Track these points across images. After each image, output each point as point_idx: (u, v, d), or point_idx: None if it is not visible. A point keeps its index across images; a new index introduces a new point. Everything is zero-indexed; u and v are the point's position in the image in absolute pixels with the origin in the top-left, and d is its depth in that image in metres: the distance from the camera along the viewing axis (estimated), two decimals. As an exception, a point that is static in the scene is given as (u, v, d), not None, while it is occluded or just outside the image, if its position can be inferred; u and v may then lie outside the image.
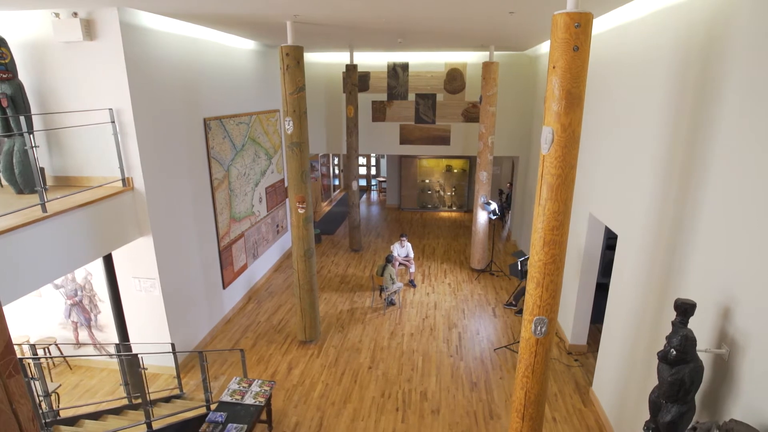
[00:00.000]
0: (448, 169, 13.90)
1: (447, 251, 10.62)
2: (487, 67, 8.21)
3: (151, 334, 5.82)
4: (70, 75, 4.94)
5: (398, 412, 5.32)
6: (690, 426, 2.81)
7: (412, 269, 8.67)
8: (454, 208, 14.21)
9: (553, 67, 3.34)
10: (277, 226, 9.65)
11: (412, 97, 10.43)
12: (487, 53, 9.87)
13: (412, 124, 10.62)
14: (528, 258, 6.13)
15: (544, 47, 8.68)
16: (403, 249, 8.72)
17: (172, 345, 5.44)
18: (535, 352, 3.95)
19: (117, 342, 5.39)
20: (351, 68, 9.32)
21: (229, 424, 4.23)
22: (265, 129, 8.68)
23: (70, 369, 6.15)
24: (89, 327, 6.01)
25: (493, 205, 8.61)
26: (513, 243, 11.03)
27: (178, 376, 5.56)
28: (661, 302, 4.02)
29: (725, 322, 3.16)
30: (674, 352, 3.04)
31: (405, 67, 10.23)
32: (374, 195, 16.68)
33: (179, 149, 5.94)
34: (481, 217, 8.95)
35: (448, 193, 14.14)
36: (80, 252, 4.54)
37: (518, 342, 6.51)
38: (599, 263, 6.08)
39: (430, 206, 14.27)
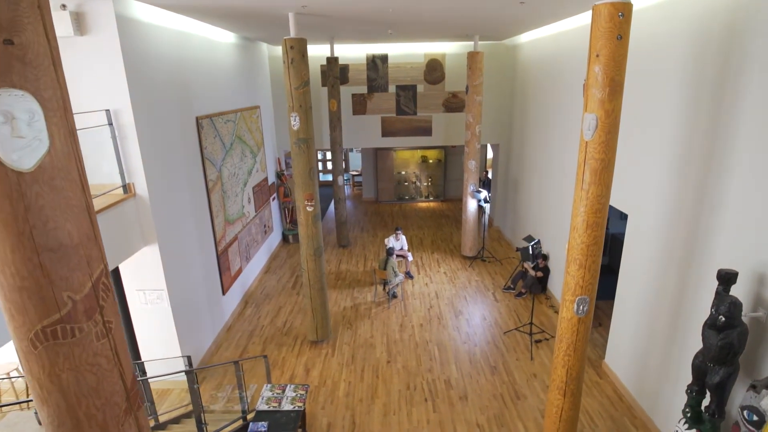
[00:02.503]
0: (424, 159, 14.02)
1: (435, 241, 10.75)
2: (473, 56, 8.31)
3: (160, 348, 5.49)
4: (61, 74, 4.51)
5: (427, 402, 5.36)
6: (750, 384, 3.03)
7: (410, 259, 8.70)
8: (431, 198, 14.37)
9: (597, 56, 3.43)
10: (265, 226, 9.37)
11: (392, 89, 10.39)
12: (465, 43, 10.00)
13: (393, 116, 10.59)
14: (539, 241, 6.33)
15: (523, 37, 8.90)
16: (398, 242, 8.73)
17: (188, 358, 5.17)
18: (577, 331, 4.08)
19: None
20: (332, 61, 9.14)
21: (275, 433, 4.09)
22: (248, 126, 8.37)
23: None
24: (88, 346, 5.58)
25: (484, 193, 8.79)
26: (496, 229, 11.32)
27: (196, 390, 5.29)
28: (684, 276, 4.28)
29: (760, 288, 3.42)
30: (723, 319, 3.25)
31: (384, 58, 10.16)
32: (347, 189, 16.54)
33: (176, 150, 5.61)
34: (471, 205, 9.11)
35: (425, 184, 14.28)
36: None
37: (528, 324, 6.73)
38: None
39: (407, 198, 14.34)
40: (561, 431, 4.40)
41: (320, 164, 17.31)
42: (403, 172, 14.15)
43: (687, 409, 3.61)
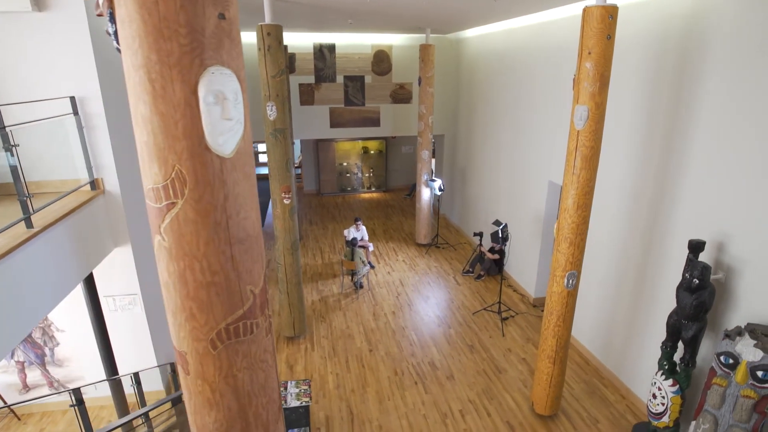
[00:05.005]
0: (365, 150, 14.09)
1: (387, 230, 10.93)
2: (425, 49, 8.54)
3: (132, 358, 5.04)
4: (14, 56, 3.92)
5: (417, 385, 5.54)
6: (723, 333, 3.59)
7: (371, 249, 8.79)
8: (374, 189, 14.51)
9: (589, 53, 3.78)
10: (215, 222, 8.86)
11: (340, 79, 10.30)
12: (411, 35, 10.21)
13: (341, 106, 10.52)
14: (506, 225, 6.75)
15: (469, 32, 9.32)
16: (358, 232, 8.76)
17: (173, 365, 4.82)
18: (566, 303, 4.50)
19: (105, 376, 4.58)
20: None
21: (289, 430, 4.00)
22: (197, 117, 7.83)
23: (19, 419, 5.02)
24: (42, 364, 4.95)
25: (438, 182, 9.12)
26: (443, 217, 11.78)
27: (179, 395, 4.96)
28: (647, 249, 4.88)
29: (719, 254, 4.04)
30: (696, 281, 3.79)
31: (332, 48, 10.03)
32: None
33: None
34: (425, 194, 9.40)
35: (366, 175, 14.37)
36: (66, 276, 3.75)
37: (497, 303, 7.18)
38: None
39: (350, 189, 14.34)
40: (551, 396, 4.83)
41: (262, 156, 16.63)
42: (345, 164, 14.11)
43: (664, 362, 4.17)
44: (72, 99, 4.08)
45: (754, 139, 3.65)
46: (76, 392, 3.34)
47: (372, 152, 14.16)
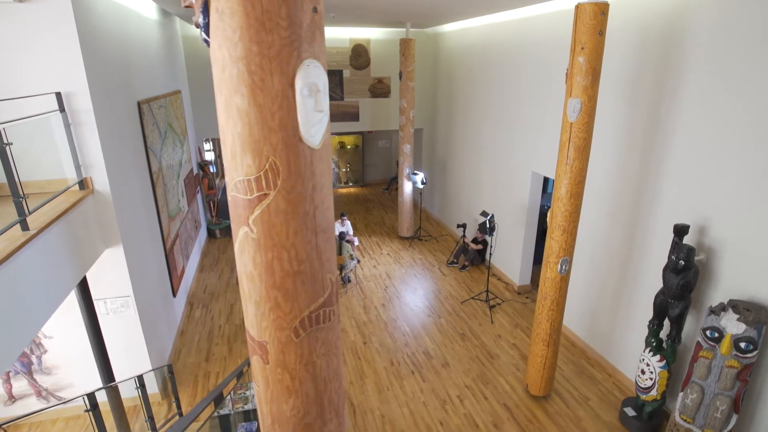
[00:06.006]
0: (342, 145, 14.05)
1: (369, 225, 10.97)
2: (406, 43, 8.60)
3: (125, 362, 4.90)
4: (-5, 49, 3.72)
5: (414, 374, 5.64)
6: (708, 309, 3.85)
7: (356, 243, 8.82)
8: (351, 184, 14.50)
9: (582, 48, 3.94)
10: (195, 221, 8.66)
11: (318, 73, 10.21)
12: (390, 29, 10.23)
13: (320, 101, 10.43)
14: (493, 216, 6.93)
15: (448, 27, 9.44)
16: (344, 227, 8.77)
17: (170, 366, 4.73)
18: (559, 288, 4.69)
19: (100, 381, 4.44)
20: (259, 43, 8.68)
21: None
22: (175, 113, 7.62)
23: (4, 432, 4.79)
24: (29, 373, 4.75)
25: (421, 175, 9.24)
26: (424, 210, 11.92)
27: (177, 399, 4.87)
28: (631, 235, 5.14)
29: (701, 237, 4.32)
30: (682, 262, 4.05)
31: (309, 42, 9.92)
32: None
33: (125, 139, 4.97)
34: (407, 187, 9.50)
35: (344, 170, 14.34)
36: (62, 281, 3.61)
37: (485, 291, 7.37)
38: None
39: (327, 184, 14.26)
40: (545, 377, 5.04)
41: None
42: (321, 159, 14.01)
43: (652, 340, 4.42)
44: (58, 95, 3.91)
45: (732, 128, 3.91)
46: (91, 397, 3.23)
47: (348, 147, 14.14)
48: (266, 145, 1.13)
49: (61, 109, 3.94)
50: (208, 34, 1.13)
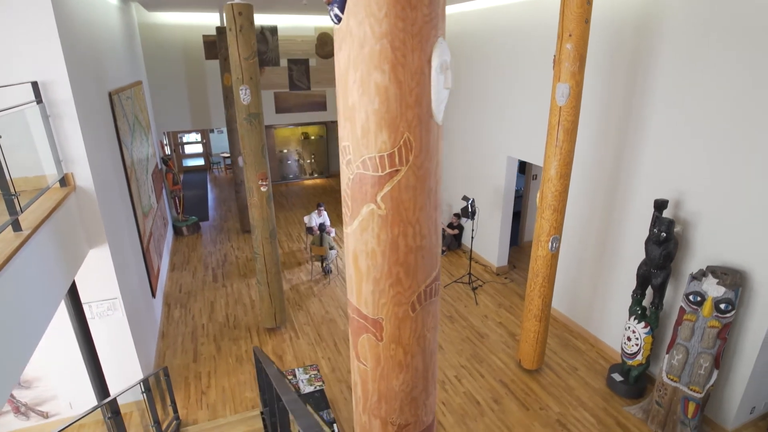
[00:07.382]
0: (306, 136, 13.82)
1: (340, 215, 10.90)
2: (375, 32, 8.57)
3: (114, 367, 4.66)
4: (-40, 33, 3.36)
5: (409, 358, 5.74)
6: (690, 276, 4.20)
7: (333, 234, 8.77)
8: (316, 175, 14.33)
9: (569, 35, 4.13)
10: (163, 218, 8.28)
11: (284, 62, 9.99)
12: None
13: (286, 91, 10.22)
14: (474, 200, 7.11)
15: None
16: (320, 218, 8.69)
17: (165, 369, 4.54)
18: (550, 265, 4.93)
19: (92, 390, 4.18)
20: (223, 31, 8.36)
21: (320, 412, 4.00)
22: (140, 105, 7.21)
23: (-19, 453, 4.43)
24: (7, 387, 4.39)
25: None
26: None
27: (173, 402, 4.69)
28: (609, 211, 5.47)
29: (676, 210, 4.68)
30: (664, 234, 4.38)
31: (274, 30, 9.66)
32: (217, 173, 15.31)
33: (101, 132, 4.66)
34: (380, 176, 9.53)
35: (308, 161, 14.13)
36: (55, 286, 3.38)
37: (467, 275, 7.58)
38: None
39: (292, 176, 14.02)
40: (537, 351, 5.30)
41: (196, 147, 15.55)
42: (285, 151, 13.75)
43: (636, 308, 4.76)
44: (34, 84, 3.60)
45: (702, 108, 4.25)
46: (113, 404, 3.04)
47: (312, 138, 13.93)
48: (402, 122, 1.14)
49: (38, 100, 3.64)
50: (342, 10, 1.11)
